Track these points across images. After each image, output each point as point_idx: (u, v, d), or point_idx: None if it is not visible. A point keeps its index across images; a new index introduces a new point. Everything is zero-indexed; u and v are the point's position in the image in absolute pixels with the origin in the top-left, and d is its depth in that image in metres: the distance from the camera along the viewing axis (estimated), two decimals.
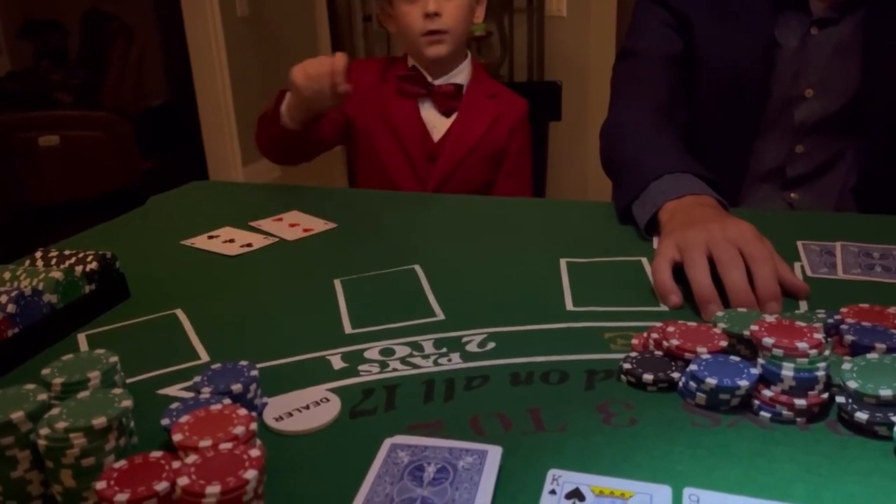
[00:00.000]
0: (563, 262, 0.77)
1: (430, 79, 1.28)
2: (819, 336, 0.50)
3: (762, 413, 0.49)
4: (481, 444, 0.45)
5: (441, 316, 0.66)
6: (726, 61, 1.07)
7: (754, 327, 0.52)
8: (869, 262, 0.72)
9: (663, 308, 0.66)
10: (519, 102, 1.33)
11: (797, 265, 0.73)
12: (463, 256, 0.80)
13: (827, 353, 0.50)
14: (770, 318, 0.53)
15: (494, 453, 0.45)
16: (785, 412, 0.48)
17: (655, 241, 0.81)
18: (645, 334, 0.59)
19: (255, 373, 0.52)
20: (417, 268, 0.77)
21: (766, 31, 1.05)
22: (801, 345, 0.49)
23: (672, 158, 0.88)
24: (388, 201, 1.03)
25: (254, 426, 0.44)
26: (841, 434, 0.47)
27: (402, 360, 0.59)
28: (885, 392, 0.47)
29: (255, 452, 0.41)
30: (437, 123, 1.29)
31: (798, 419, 0.48)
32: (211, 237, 0.87)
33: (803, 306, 0.65)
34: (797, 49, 1.05)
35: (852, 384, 0.48)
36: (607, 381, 0.55)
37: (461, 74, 1.30)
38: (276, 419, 0.51)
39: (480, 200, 1.05)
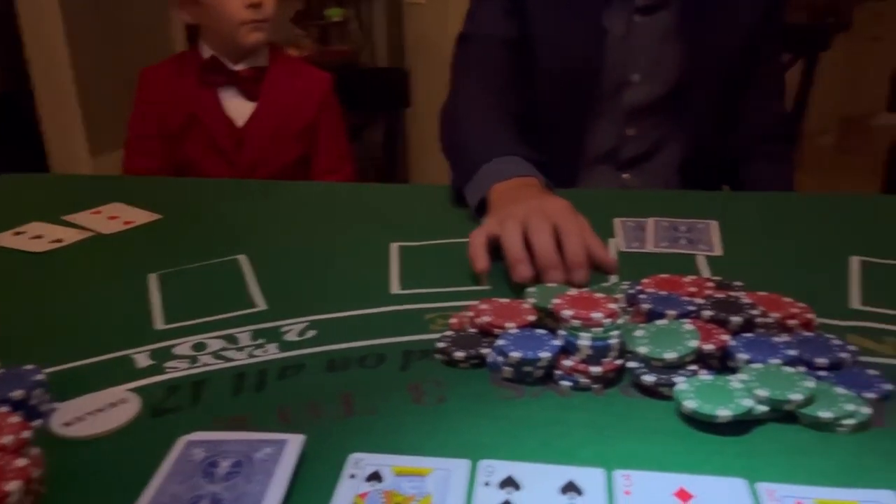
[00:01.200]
0: (393, 247, 0.77)
1: (230, 66, 1.29)
2: (613, 306, 0.53)
3: (562, 382, 0.51)
4: (281, 434, 0.44)
5: (262, 306, 0.65)
6: (560, 47, 1.11)
7: (556, 300, 0.54)
8: (675, 236, 0.77)
9: (487, 287, 0.68)
10: (322, 77, 1.37)
11: (612, 241, 0.77)
12: (291, 245, 0.79)
13: (621, 321, 0.53)
14: (573, 292, 0.56)
15: (295, 442, 0.44)
16: (582, 380, 0.51)
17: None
18: (463, 313, 0.60)
19: (40, 377, 0.48)
20: (242, 258, 0.74)
21: (594, 18, 1.09)
22: (596, 315, 0.52)
23: (502, 143, 0.90)
24: (218, 190, 0.99)
25: (26, 434, 0.41)
26: (631, 396, 0.50)
27: (215, 354, 0.57)
28: (670, 355, 0.50)
29: (20, 462, 0.37)
30: (242, 109, 1.31)
31: (595, 386, 0.51)
32: (17, 234, 0.80)
33: (614, 279, 0.68)
34: (623, 36, 1.11)
35: (642, 349, 0.51)
36: (422, 361, 0.55)
37: (261, 57, 1.33)
38: (66, 424, 0.47)
39: (314, 187, 1.03)
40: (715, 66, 1.10)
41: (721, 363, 0.52)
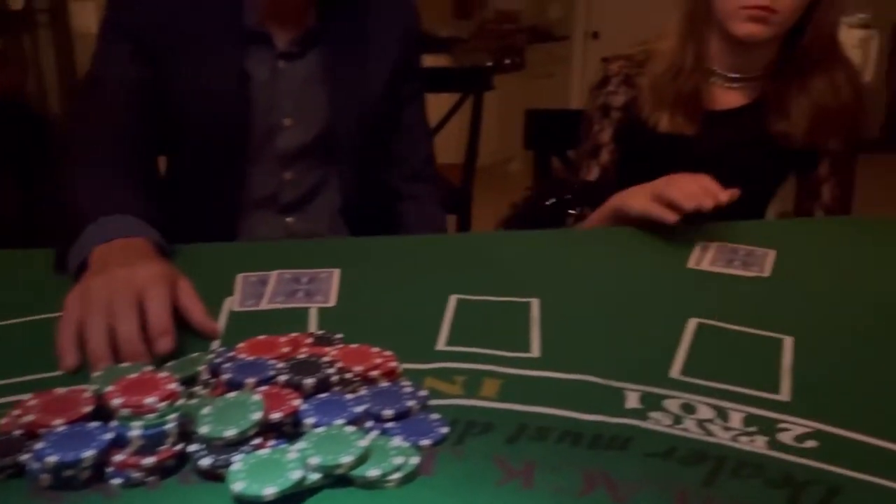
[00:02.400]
0: None
1: None
2: (172, 386, 0.50)
3: (112, 480, 0.46)
4: None
5: None
6: (201, 93, 1.06)
7: (109, 388, 0.49)
8: (294, 289, 0.76)
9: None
10: None
11: (229, 299, 0.74)
12: None
13: (181, 402, 0.50)
14: (134, 375, 0.51)
15: None
16: (134, 474, 0.46)
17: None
18: (10, 412, 0.52)
19: None
20: None
21: (236, 64, 1.07)
22: (150, 400, 0.48)
23: (113, 199, 0.83)
24: None
25: None
26: (190, 484, 0.47)
27: None
28: (230, 432, 0.48)
29: None
30: None
31: (149, 479, 0.47)
32: None
33: (215, 345, 0.65)
34: (269, 81, 1.09)
35: (204, 429, 0.48)
36: None
37: None
38: None
39: None
40: (357, 111, 1.14)
41: (294, 430, 0.51)
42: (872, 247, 0.95)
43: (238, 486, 0.44)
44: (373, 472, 0.46)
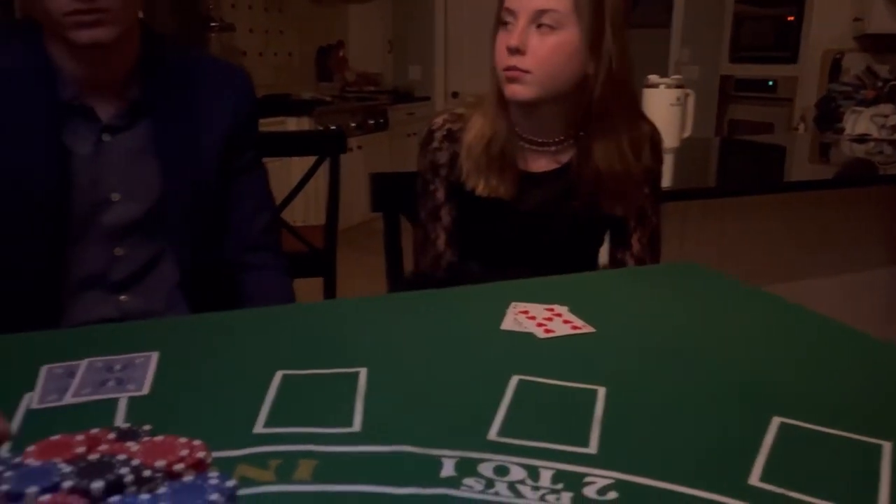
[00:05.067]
0: None
1: None
2: None
3: None
4: None
5: None
6: (13, 172, 1.00)
7: None
8: (105, 378, 0.71)
9: None
10: None
11: (28, 395, 0.68)
12: None
13: None
14: None
15: None
16: None
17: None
18: None
19: None
20: None
21: (52, 139, 1.02)
22: None
23: None
24: None
25: None
26: None
27: None
28: None
29: None
30: None
31: None
32: None
33: (4, 450, 0.60)
34: (92, 155, 1.05)
35: None
36: None
37: None
38: None
39: None
40: (190, 182, 1.12)
41: None
42: (670, 290, 1.02)
43: None
44: None
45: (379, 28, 5.27)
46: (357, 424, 0.65)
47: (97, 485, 0.50)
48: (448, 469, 0.58)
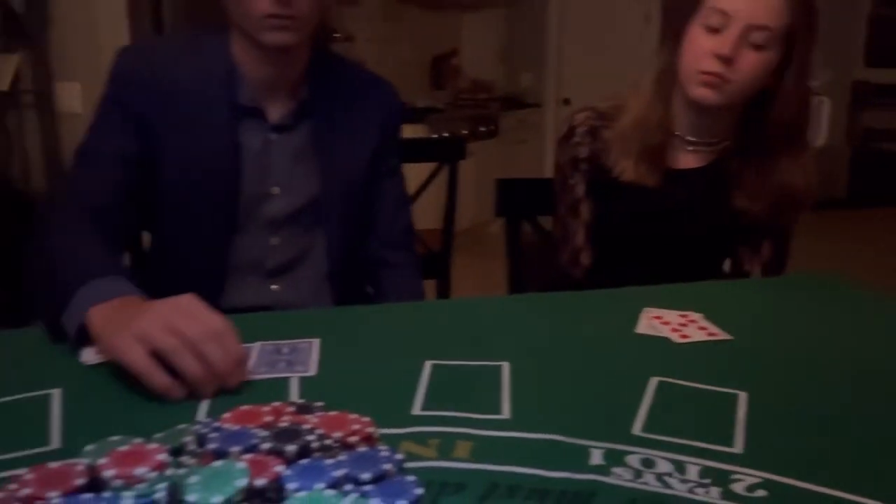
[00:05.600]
0: None
1: None
2: (162, 457, 0.53)
3: None
4: None
5: None
6: (192, 163, 1.12)
7: (102, 460, 0.52)
8: (276, 360, 0.80)
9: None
10: None
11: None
12: None
13: (170, 471, 0.53)
14: (125, 447, 0.54)
15: None
16: None
17: (87, 352, 0.78)
18: (6, 486, 0.55)
19: None
20: None
21: (229, 135, 1.13)
22: (141, 470, 0.51)
23: (100, 265, 0.87)
24: None
25: None
26: None
27: None
28: (217, 498, 0.51)
29: None
30: None
31: None
32: None
33: (202, 415, 0.68)
34: (260, 152, 1.16)
35: (192, 497, 0.51)
36: None
37: None
38: None
39: None
40: (344, 181, 1.21)
41: (278, 495, 0.55)
42: (811, 301, 1.01)
43: None
44: None
45: (492, 36, 5.34)
46: (506, 412, 0.70)
47: (290, 448, 0.57)
48: (597, 458, 0.62)
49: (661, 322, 0.91)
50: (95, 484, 0.53)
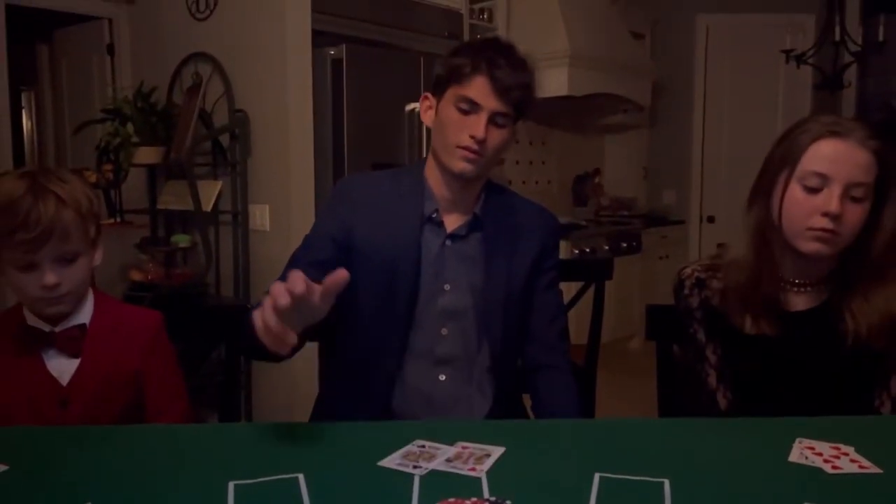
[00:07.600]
0: (230, 486, 0.89)
1: (48, 328, 1.23)
2: None
3: None
4: None
5: None
6: (384, 263, 1.38)
7: None
8: (467, 455, 0.95)
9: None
10: (148, 318, 1.32)
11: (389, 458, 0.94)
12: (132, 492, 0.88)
13: None
14: None
15: None
16: None
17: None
18: None
19: None
20: None
21: (415, 240, 1.40)
22: None
23: None
24: (71, 438, 1.06)
25: None
26: None
27: None
28: None
29: None
30: (66, 366, 1.23)
31: None
32: None
33: None
34: (437, 255, 1.40)
35: None
36: None
37: (83, 313, 1.26)
38: None
39: (149, 430, 1.13)
40: (506, 284, 1.42)
41: None
42: None
43: None
44: None
45: (634, 155, 5.52)
46: None
47: None
48: None
49: (813, 452, 0.98)
50: None
